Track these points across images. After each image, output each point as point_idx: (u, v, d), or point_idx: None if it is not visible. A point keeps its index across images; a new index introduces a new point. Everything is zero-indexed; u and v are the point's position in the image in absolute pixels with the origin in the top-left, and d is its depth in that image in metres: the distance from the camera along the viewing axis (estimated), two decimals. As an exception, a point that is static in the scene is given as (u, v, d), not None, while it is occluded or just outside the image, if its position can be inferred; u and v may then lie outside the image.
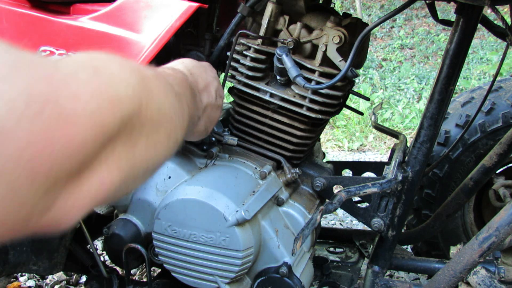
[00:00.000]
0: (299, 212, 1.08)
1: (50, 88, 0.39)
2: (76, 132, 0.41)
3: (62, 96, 0.40)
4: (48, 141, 0.38)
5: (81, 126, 0.41)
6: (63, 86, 0.40)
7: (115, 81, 0.47)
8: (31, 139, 0.37)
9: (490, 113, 1.51)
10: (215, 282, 0.97)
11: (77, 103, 0.41)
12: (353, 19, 1.10)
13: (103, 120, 0.44)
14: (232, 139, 1.10)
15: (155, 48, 0.90)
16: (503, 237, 0.92)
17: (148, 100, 0.52)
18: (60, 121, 0.39)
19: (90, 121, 0.42)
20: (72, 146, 0.40)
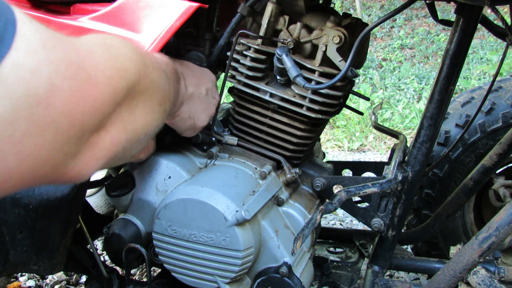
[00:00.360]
0: (299, 212, 1.08)
1: (80, 58, 0.49)
2: (99, 94, 0.51)
3: (87, 64, 0.50)
4: (81, 99, 0.48)
5: (101, 89, 0.52)
6: (88, 57, 0.51)
7: (121, 57, 0.58)
8: (71, 95, 0.47)
9: (490, 113, 1.51)
10: (215, 282, 0.97)
11: (98, 71, 0.51)
12: (353, 19, 1.10)
13: (115, 85, 0.55)
14: (232, 139, 1.10)
15: (155, 48, 0.90)
16: (503, 237, 0.92)
17: (145, 73, 0.64)
18: (88, 84, 0.49)
19: (107, 86, 0.53)
20: (96, 105, 0.51)
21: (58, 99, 0.45)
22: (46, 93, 0.44)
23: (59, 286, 1.89)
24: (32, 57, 0.43)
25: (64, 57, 0.46)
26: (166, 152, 1.05)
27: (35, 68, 0.43)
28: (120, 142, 0.59)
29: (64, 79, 0.46)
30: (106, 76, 0.53)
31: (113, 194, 1.04)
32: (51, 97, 0.44)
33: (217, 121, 1.12)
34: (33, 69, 0.43)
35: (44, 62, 0.44)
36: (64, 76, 0.46)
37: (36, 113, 0.43)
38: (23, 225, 0.96)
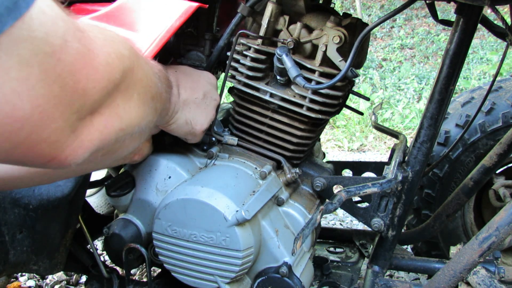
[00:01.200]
0: (299, 212, 1.08)
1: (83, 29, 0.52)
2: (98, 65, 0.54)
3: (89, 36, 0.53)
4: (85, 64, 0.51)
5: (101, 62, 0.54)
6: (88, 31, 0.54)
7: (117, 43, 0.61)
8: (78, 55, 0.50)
9: (490, 113, 1.51)
10: (215, 282, 0.97)
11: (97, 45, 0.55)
12: (353, 19, 1.10)
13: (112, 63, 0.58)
14: (232, 139, 1.10)
15: (155, 48, 0.90)
16: (503, 237, 0.92)
17: (138, 64, 0.67)
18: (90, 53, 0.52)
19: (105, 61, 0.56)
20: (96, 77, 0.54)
21: (67, 57, 0.48)
22: (59, 46, 0.47)
23: (59, 286, 1.89)
24: (52, 8, 0.47)
25: (72, 21, 0.50)
26: (166, 152, 1.05)
27: (55, 19, 0.47)
28: (113, 128, 0.61)
29: (74, 39, 0.49)
30: (104, 52, 0.56)
31: (113, 194, 1.04)
32: (63, 51, 0.47)
33: (217, 121, 1.12)
34: (54, 19, 0.46)
35: (61, 17, 0.48)
36: (74, 36, 0.49)
37: (48, 62, 0.46)
38: (23, 225, 0.96)
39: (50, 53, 0.46)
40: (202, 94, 0.97)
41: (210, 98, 1.00)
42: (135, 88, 0.66)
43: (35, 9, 0.43)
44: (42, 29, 0.45)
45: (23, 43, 0.43)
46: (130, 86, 0.64)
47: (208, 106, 1.00)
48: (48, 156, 0.52)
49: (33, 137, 0.48)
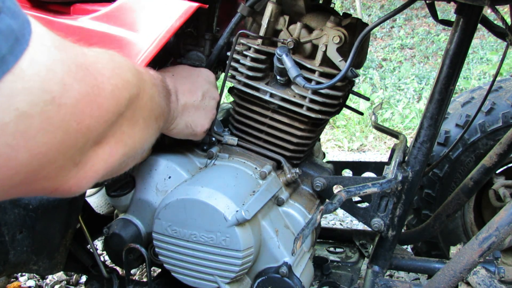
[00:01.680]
0: (299, 212, 1.08)
1: (88, 62, 0.50)
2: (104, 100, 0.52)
3: (94, 69, 0.51)
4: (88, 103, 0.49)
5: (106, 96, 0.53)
6: (95, 62, 0.52)
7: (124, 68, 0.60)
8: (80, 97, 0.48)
9: (490, 113, 1.51)
10: (215, 282, 0.97)
11: (103, 77, 0.53)
12: (353, 19, 1.10)
13: (119, 94, 0.56)
14: (232, 139, 1.10)
15: (155, 48, 0.90)
16: (503, 237, 0.92)
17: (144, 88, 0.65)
18: (95, 89, 0.50)
19: (111, 93, 0.54)
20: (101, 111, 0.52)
21: (69, 100, 0.46)
22: (59, 91, 0.45)
23: (59, 286, 1.89)
24: (47, 54, 0.44)
25: (74, 58, 0.48)
26: (166, 152, 1.05)
27: (50, 66, 0.44)
28: (118, 155, 0.60)
29: (75, 80, 0.47)
30: (110, 84, 0.54)
31: (113, 194, 1.04)
32: (63, 96, 0.45)
33: (217, 121, 1.12)
34: (49, 66, 0.44)
35: (58, 60, 0.45)
36: (75, 77, 0.47)
37: (50, 110, 0.44)
38: (23, 225, 0.96)
39: (50, 101, 0.44)
40: (201, 95, 0.97)
41: (209, 98, 1.00)
42: (140, 113, 0.65)
43: (25, 61, 0.42)
44: (37, 78, 0.43)
45: (19, 95, 0.41)
46: (136, 112, 0.63)
47: (208, 106, 1.00)
48: (49, 189, 0.51)
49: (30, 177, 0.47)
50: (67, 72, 0.46)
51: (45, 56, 0.44)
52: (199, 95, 0.97)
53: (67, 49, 0.48)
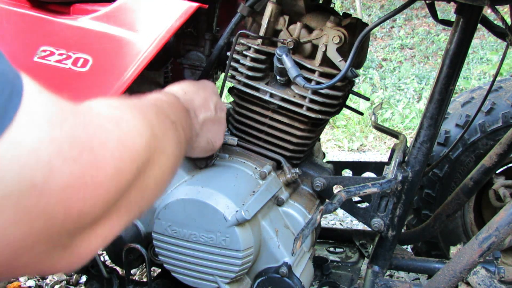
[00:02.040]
0: (299, 212, 1.08)
1: (87, 136, 0.42)
2: (104, 179, 0.43)
3: (95, 144, 0.43)
4: (82, 185, 0.41)
5: (107, 174, 0.44)
6: (96, 134, 0.44)
7: (132, 133, 0.50)
8: (71, 180, 0.39)
9: (490, 113, 1.51)
10: (215, 282, 0.97)
11: (105, 151, 0.44)
12: (353, 19, 1.10)
13: (124, 169, 0.47)
14: (232, 139, 1.10)
15: (155, 48, 0.90)
16: (503, 237, 0.92)
17: (157, 146, 0.55)
18: (92, 168, 0.42)
19: (114, 170, 0.45)
20: (99, 193, 0.43)
21: (56, 185, 0.38)
22: (42, 177, 0.37)
23: (59, 286, 1.89)
24: (33, 133, 0.37)
25: (69, 135, 0.40)
26: (166, 152, 1.05)
27: (35, 147, 0.37)
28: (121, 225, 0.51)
29: (66, 162, 0.39)
30: (114, 158, 0.45)
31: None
32: (48, 182, 0.38)
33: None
34: (33, 148, 0.37)
35: (46, 140, 0.38)
36: (66, 158, 0.39)
37: (27, 199, 0.37)
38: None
39: (28, 190, 0.36)
40: (213, 108, 0.93)
41: (220, 110, 0.96)
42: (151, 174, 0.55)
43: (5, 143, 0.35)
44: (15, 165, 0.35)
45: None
46: (146, 178, 0.53)
47: (221, 118, 0.96)
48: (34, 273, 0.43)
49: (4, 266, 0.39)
50: (56, 153, 0.38)
51: (30, 135, 0.37)
52: (212, 109, 0.92)
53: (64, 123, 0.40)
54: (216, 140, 0.94)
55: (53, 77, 0.94)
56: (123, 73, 0.90)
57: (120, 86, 0.90)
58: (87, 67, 0.92)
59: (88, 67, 0.92)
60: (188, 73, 1.14)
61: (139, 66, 0.90)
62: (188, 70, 1.13)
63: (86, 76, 0.92)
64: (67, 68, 0.93)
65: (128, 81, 0.90)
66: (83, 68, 0.92)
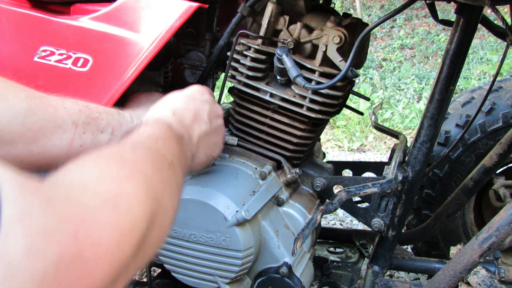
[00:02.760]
0: (299, 212, 1.08)
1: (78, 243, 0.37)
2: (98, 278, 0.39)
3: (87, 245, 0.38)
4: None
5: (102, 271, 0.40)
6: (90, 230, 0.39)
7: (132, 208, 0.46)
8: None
9: (490, 113, 1.51)
10: (215, 282, 0.97)
11: (99, 249, 0.40)
12: (353, 19, 1.10)
13: (122, 254, 0.43)
14: (232, 139, 1.10)
15: (155, 48, 0.90)
16: (503, 237, 0.92)
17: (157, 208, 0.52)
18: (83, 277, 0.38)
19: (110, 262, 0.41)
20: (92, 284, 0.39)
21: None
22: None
23: (59, 286, 1.89)
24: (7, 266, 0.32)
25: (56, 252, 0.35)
26: (166, 152, 1.05)
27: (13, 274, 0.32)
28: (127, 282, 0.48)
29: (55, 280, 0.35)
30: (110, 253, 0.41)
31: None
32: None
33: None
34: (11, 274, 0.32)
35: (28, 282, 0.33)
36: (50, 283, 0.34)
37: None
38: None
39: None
40: (207, 119, 0.87)
41: (214, 118, 0.90)
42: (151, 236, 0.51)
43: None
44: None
45: None
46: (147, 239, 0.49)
47: (217, 126, 0.91)
48: None
49: None
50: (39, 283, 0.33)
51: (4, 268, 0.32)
52: (206, 120, 0.86)
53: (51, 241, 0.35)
54: (215, 150, 0.91)
55: (53, 77, 0.94)
56: (123, 73, 0.90)
57: (120, 86, 0.90)
58: (87, 67, 0.92)
59: (88, 67, 0.92)
60: (188, 73, 1.14)
61: (139, 66, 0.90)
62: (188, 70, 1.13)
63: (86, 76, 0.92)
64: (67, 68, 0.93)
65: (128, 81, 0.90)
66: (83, 68, 0.92)
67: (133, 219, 0.46)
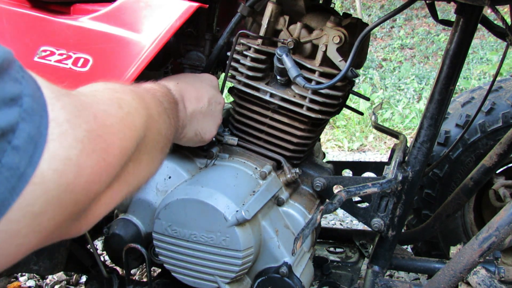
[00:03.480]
0: (299, 212, 1.08)
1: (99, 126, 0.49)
2: (112, 159, 0.51)
3: (104, 132, 0.50)
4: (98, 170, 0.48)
5: (114, 154, 0.51)
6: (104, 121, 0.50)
7: (132, 113, 0.57)
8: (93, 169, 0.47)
9: (490, 113, 1.51)
10: (215, 282, 0.97)
11: (112, 135, 0.51)
12: (353, 19, 1.10)
13: (127, 146, 0.54)
14: (232, 139, 1.10)
15: (155, 48, 0.90)
16: (503, 237, 0.92)
17: (152, 125, 0.63)
18: (105, 153, 0.49)
19: (119, 149, 0.52)
20: (109, 170, 0.50)
21: (82, 179, 0.45)
22: (73, 177, 0.44)
23: (59, 286, 1.89)
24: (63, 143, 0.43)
25: (88, 130, 0.46)
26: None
27: (67, 155, 0.43)
28: (120, 196, 0.58)
29: (88, 156, 0.46)
30: (119, 139, 0.52)
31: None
32: (77, 178, 0.44)
33: (217, 121, 1.12)
34: (65, 156, 0.43)
35: (73, 145, 0.44)
36: (88, 153, 0.46)
37: (63, 198, 0.43)
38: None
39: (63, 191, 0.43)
40: (207, 101, 0.95)
41: (215, 103, 0.97)
42: (145, 151, 0.62)
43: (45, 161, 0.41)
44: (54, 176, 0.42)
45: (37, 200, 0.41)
46: (141, 151, 0.61)
47: (214, 111, 0.97)
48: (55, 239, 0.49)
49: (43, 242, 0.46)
50: (81, 151, 0.45)
51: (63, 145, 0.43)
52: (205, 101, 0.94)
53: (81, 120, 0.46)
54: (206, 132, 0.96)
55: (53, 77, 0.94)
56: (124, 73, 0.90)
57: (120, 86, 0.90)
58: (87, 67, 0.92)
59: (88, 67, 0.92)
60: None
61: (139, 66, 0.90)
62: (188, 70, 1.13)
63: (86, 76, 0.92)
64: (67, 68, 0.93)
65: (128, 81, 0.90)
66: (83, 68, 0.92)
67: (133, 120, 0.57)
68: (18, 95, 0.40)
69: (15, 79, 0.40)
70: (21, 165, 0.39)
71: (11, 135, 0.39)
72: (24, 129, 0.40)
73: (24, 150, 0.39)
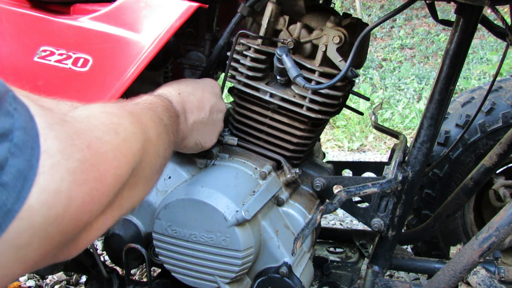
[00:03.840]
0: (299, 212, 1.08)
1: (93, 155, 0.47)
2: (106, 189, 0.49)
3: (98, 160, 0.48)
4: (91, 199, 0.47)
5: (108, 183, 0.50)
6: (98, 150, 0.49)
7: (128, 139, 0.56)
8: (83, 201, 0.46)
9: (490, 113, 1.51)
10: (215, 282, 0.97)
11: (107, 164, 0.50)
12: (353, 19, 1.10)
13: (121, 173, 0.53)
14: (232, 139, 1.10)
15: (155, 48, 0.90)
16: (503, 237, 0.92)
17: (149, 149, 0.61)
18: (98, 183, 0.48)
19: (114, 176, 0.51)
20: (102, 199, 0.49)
21: (72, 210, 0.44)
22: (62, 209, 0.43)
23: (59, 286, 1.89)
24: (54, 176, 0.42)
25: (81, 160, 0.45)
26: (166, 152, 1.05)
27: (57, 188, 0.42)
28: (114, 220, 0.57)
29: (80, 186, 0.45)
30: (114, 167, 0.51)
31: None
32: (66, 210, 0.43)
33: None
34: (55, 189, 0.42)
35: (64, 177, 0.43)
36: (80, 183, 0.45)
37: (50, 230, 0.43)
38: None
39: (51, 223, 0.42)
40: (208, 110, 0.94)
41: (216, 111, 0.97)
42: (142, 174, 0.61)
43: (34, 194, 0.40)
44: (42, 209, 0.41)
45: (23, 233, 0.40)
46: (137, 176, 0.59)
47: (216, 120, 0.97)
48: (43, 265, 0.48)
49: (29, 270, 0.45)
50: (72, 182, 0.44)
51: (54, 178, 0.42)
52: (207, 111, 0.93)
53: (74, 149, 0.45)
54: (206, 141, 0.96)
55: (53, 77, 0.94)
56: (123, 73, 0.90)
57: (120, 86, 0.90)
58: (87, 67, 0.92)
59: (88, 67, 0.92)
60: (188, 73, 1.14)
61: (139, 66, 0.90)
62: (188, 70, 1.13)
63: (86, 76, 0.92)
64: (67, 68, 0.93)
65: (128, 81, 0.90)
66: (83, 68, 0.92)
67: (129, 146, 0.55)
68: (8, 129, 0.39)
69: (6, 113, 0.39)
70: (8, 201, 0.39)
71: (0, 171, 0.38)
72: (13, 165, 0.39)
73: (12, 186, 0.39)
